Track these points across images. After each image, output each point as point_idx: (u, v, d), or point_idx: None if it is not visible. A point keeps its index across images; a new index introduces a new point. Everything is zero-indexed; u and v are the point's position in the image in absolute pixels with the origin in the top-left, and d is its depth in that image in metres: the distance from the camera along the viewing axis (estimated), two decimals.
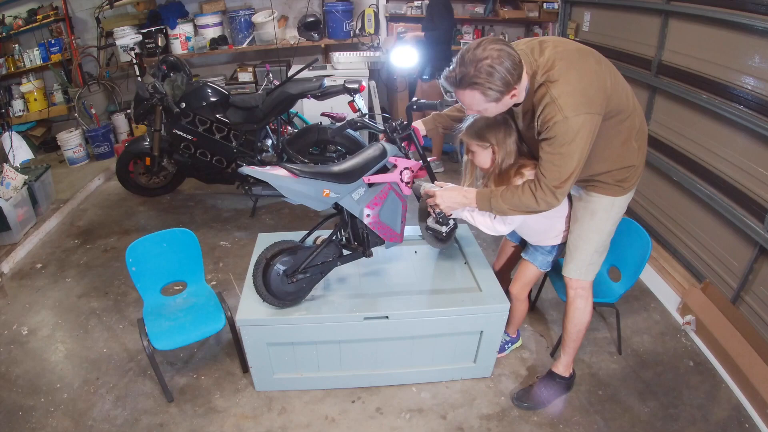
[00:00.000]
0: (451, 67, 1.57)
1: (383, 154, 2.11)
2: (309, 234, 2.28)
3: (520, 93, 1.61)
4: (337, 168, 1.98)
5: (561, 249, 2.09)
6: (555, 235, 2.05)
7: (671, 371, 2.32)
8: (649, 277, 2.92)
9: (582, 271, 1.97)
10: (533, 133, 1.68)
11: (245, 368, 2.25)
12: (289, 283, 2.00)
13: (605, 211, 1.87)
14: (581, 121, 1.53)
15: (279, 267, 1.99)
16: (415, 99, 2.11)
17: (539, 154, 1.66)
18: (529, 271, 2.16)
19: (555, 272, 2.43)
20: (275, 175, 1.81)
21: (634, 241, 2.24)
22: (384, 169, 2.13)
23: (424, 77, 4.12)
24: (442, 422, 2.08)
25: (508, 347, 2.41)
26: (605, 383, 2.26)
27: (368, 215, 2.05)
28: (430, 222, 2.25)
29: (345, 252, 2.13)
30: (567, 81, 1.54)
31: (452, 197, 1.92)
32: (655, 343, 2.49)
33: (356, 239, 2.13)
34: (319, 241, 2.17)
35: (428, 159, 2.42)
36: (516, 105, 1.72)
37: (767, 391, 2.03)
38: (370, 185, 2.07)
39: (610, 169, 1.78)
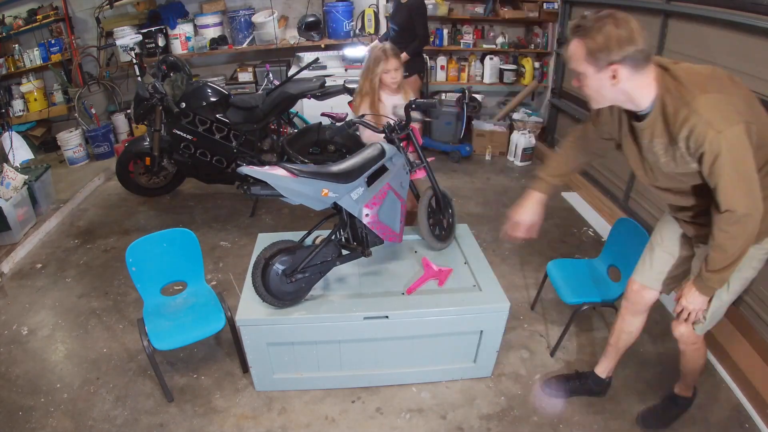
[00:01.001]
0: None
1: (382, 154, 2.11)
2: (308, 234, 2.28)
3: (625, 83, 1.41)
4: (336, 168, 1.99)
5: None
6: None
7: (671, 371, 2.32)
8: None
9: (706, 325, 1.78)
10: (675, 168, 1.50)
11: (245, 368, 2.25)
12: (288, 282, 1.99)
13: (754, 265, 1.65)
14: (738, 131, 1.33)
15: (278, 267, 1.99)
16: (413, 98, 2.11)
17: (715, 193, 1.43)
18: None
19: (558, 271, 2.43)
20: (274, 174, 1.81)
21: (635, 241, 2.24)
22: (383, 169, 2.13)
23: (405, 74, 4.19)
24: (442, 422, 2.08)
25: None
26: None
27: (367, 215, 2.05)
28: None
29: (344, 252, 2.13)
30: (712, 97, 1.36)
31: (695, 297, 1.64)
32: (655, 343, 2.49)
33: (355, 239, 2.13)
34: (318, 241, 2.18)
35: (428, 159, 2.43)
36: (637, 118, 1.52)
37: (767, 391, 2.03)
38: (369, 185, 2.07)
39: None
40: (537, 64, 4.95)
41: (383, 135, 2.27)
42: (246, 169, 1.80)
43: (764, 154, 1.45)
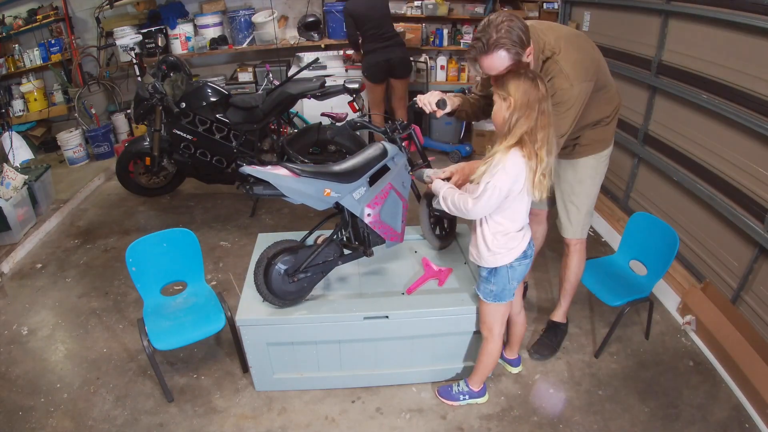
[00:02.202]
0: (471, 42, 1.77)
1: (384, 153, 2.11)
2: (310, 233, 2.28)
3: (532, 56, 1.80)
4: (338, 167, 1.99)
5: (501, 279, 1.87)
6: (484, 255, 1.86)
7: (671, 371, 2.32)
8: None
9: (578, 231, 2.25)
10: None
11: (245, 368, 2.25)
12: (290, 282, 2.00)
13: (592, 174, 2.17)
14: (582, 88, 1.82)
15: (280, 266, 1.99)
16: (416, 99, 2.11)
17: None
18: (482, 308, 1.98)
19: (588, 273, 2.43)
20: (277, 174, 1.81)
21: (658, 235, 2.35)
22: (384, 169, 2.13)
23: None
24: (442, 422, 2.08)
25: (464, 399, 2.14)
26: (605, 383, 2.25)
27: (369, 214, 2.05)
28: (435, 203, 2.12)
29: (346, 251, 2.13)
30: (570, 54, 1.82)
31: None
32: (655, 343, 2.49)
33: (357, 239, 2.13)
34: (320, 241, 2.18)
35: (429, 158, 2.43)
36: None
37: (767, 391, 2.03)
38: (371, 184, 2.07)
39: (594, 120, 2.07)
40: None
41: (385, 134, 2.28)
42: (248, 169, 1.80)
43: (606, 91, 2.00)
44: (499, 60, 1.72)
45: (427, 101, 2.07)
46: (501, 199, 1.71)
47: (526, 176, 1.70)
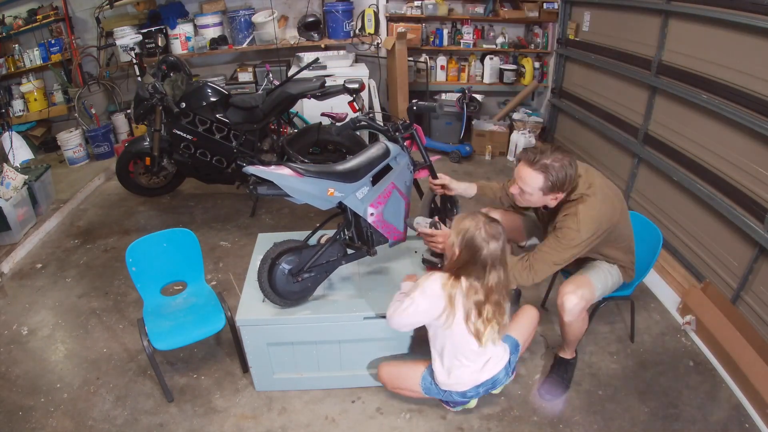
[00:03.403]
0: (528, 148, 1.92)
1: (386, 153, 2.12)
2: (313, 233, 2.28)
3: (555, 201, 1.94)
4: (341, 167, 1.99)
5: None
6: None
7: (671, 371, 2.32)
8: (649, 277, 2.90)
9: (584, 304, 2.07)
10: (547, 221, 2.07)
11: (245, 368, 2.25)
12: (294, 282, 2.00)
13: (613, 276, 2.15)
14: (587, 237, 1.88)
15: (284, 267, 1.99)
16: (415, 101, 2.12)
17: (547, 235, 1.98)
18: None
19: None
20: (280, 174, 1.82)
21: (644, 235, 2.29)
22: (387, 168, 2.14)
23: None
24: (442, 422, 2.08)
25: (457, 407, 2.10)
26: (605, 383, 2.25)
27: (372, 214, 2.06)
28: (426, 254, 2.28)
29: (349, 251, 2.14)
30: (593, 207, 1.88)
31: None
32: (655, 343, 2.49)
33: (360, 238, 2.13)
34: (323, 241, 2.18)
35: (433, 158, 2.43)
36: (545, 208, 2.06)
37: (767, 391, 2.03)
38: (374, 184, 2.07)
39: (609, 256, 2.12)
40: (537, 64, 4.95)
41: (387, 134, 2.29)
42: (252, 169, 1.80)
43: (615, 233, 2.00)
44: (533, 178, 1.85)
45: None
46: (419, 319, 1.81)
47: (448, 312, 1.77)
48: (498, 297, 1.77)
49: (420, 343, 2.09)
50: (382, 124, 2.44)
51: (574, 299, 2.00)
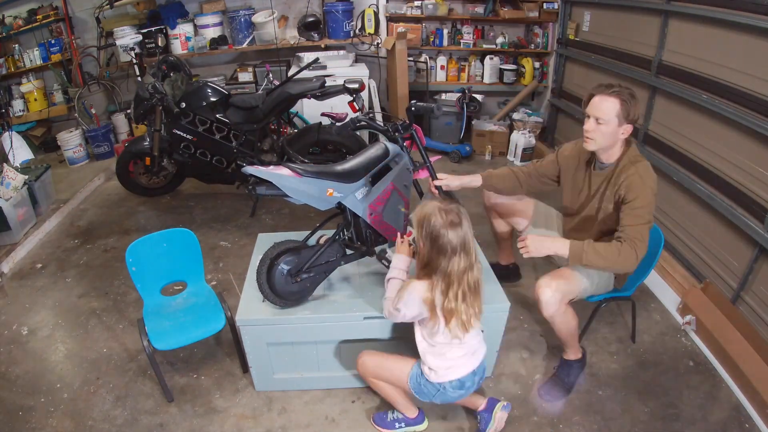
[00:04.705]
0: (600, 84, 1.95)
1: (386, 153, 2.12)
2: (312, 234, 2.28)
3: (627, 134, 1.96)
4: (340, 167, 1.99)
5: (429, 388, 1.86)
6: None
7: (671, 371, 2.32)
8: (650, 277, 2.90)
9: (560, 296, 2.02)
10: (603, 207, 2.07)
11: (245, 368, 2.25)
12: (293, 282, 2.00)
13: (602, 277, 2.15)
14: (654, 192, 1.94)
15: (283, 267, 1.99)
16: (413, 102, 2.12)
17: (623, 221, 1.93)
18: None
19: None
20: (279, 174, 1.81)
21: None
22: (386, 169, 2.14)
23: None
24: (442, 422, 2.07)
25: (400, 426, 2.02)
26: (605, 383, 2.25)
27: (371, 214, 2.05)
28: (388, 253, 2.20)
29: (348, 251, 2.13)
30: (649, 168, 1.97)
31: (542, 242, 1.96)
32: (655, 343, 2.49)
33: (359, 238, 2.13)
34: (322, 241, 2.18)
35: (433, 158, 2.43)
36: (601, 165, 2.08)
37: (767, 391, 2.03)
38: (373, 184, 2.07)
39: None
40: (537, 64, 4.95)
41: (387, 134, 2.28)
42: (251, 169, 1.80)
43: None
44: (610, 104, 1.89)
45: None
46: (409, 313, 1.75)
47: (434, 321, 1.71)
48: (467, 283, 1.69)
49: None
50: (382, 124, 2.44)
51: (549, 291, 1.96)
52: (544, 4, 4.61)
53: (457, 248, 1.64)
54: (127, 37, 4.17)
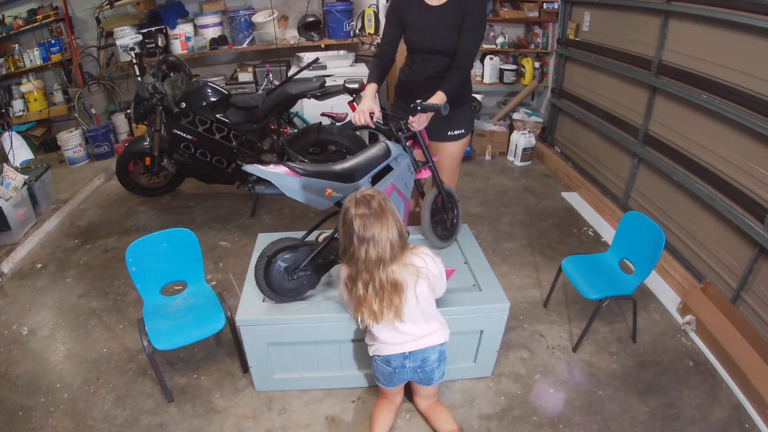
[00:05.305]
0: None
1: (387, 153, 2.11)
2: (310, 232, 2.28)
3: None
4: (339, 167, 1.99)
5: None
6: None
7: (671, 371, 2.32)
8: (650, 277, 2.91)
9: None
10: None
11: (245, 368, 2.25)
12: (289, 279, 2.00)
13: None
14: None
15: (280, 264, 1.99)
16: (418, 101, 2.11)
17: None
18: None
19: (574, 267, 2.44)
20: (278, 174, 1.82)
21: (647, 234, 2.30)
22: (387, 169, 2.13)
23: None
24: None
25: None
26: (605, 383, 2.25)
27: None
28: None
29: None
30: None
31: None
32: (655, 343, 2.49)
33: None
34: (320, 239, 2.18)
35: (435, 158, 2.42)
36: None
37: (767, 391, 2.03)
38: (374, 184, 2.07)
39: None
40: (537, 64, 4.95)
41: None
42: (250, 168, 1.80)
43: None
44: None
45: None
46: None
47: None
48: (379, 278, 1.70)
49: None
50: (383, 123, 2.43)
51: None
52: (544, 4, 4.61)
53: (365, 238, 1.68)
54: (127, 37, 4.16)
